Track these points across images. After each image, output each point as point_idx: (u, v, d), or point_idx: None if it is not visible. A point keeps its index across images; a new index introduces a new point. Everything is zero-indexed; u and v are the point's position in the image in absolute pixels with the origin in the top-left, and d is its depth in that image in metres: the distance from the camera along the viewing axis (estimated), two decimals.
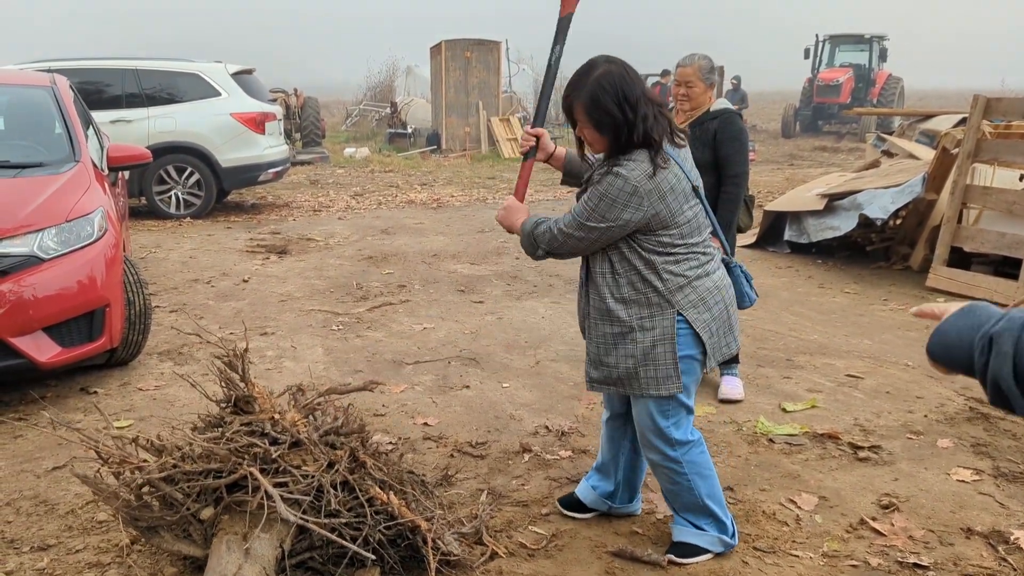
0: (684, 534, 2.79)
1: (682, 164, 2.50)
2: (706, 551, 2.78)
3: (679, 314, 2.51)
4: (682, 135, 2.56)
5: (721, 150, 3.99)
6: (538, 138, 2.76)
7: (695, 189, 2.53)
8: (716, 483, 2.78)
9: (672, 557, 2.76)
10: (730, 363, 4.32)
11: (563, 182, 2.96)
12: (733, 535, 2.82)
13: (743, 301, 2.86)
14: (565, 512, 3.08)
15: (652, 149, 2.40)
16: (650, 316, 2.52)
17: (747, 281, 2.90)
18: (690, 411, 2.68)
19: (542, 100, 2.77)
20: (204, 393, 2.71)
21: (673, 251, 2.50)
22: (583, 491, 3.07)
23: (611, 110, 2.37)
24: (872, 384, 4.50)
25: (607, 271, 2.56)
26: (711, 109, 4.06)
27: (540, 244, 2.59)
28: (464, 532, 2.75)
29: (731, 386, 4.26)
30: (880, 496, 3.25)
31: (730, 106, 4.11)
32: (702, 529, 2.78)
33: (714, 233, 2.75)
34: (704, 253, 2.58)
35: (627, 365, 2.56)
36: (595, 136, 2.47)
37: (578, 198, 2.59)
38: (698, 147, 3.98)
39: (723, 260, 2.78)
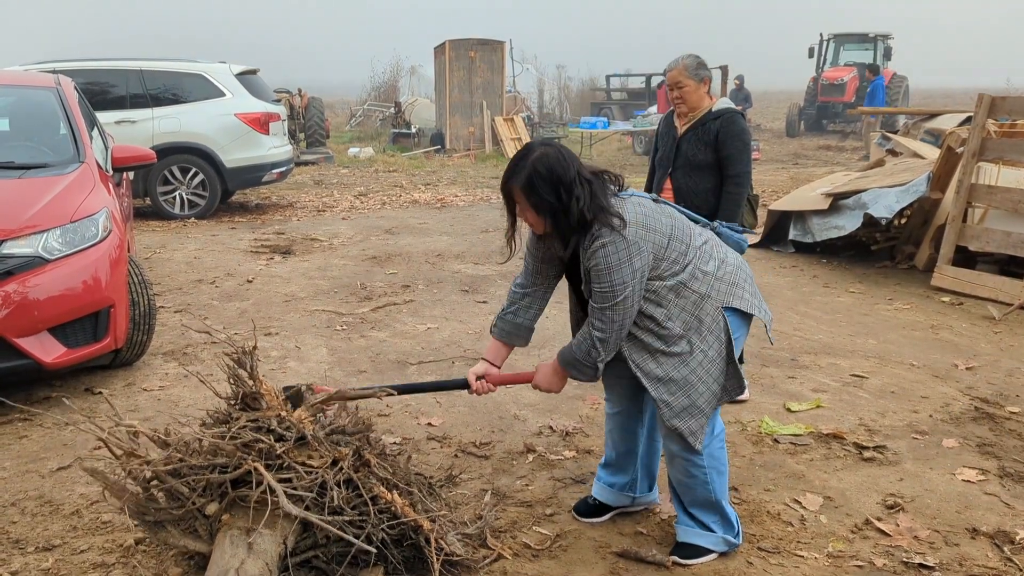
0: (688, 534, 2.78)
1: (633, 192, 2.61)
2: (710, 551, 2.77)
3: (724, 307, 2.57)
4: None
5: (723, 150, 3.96)
6: (484, 378, 2.84)
7: (656, 201, 2.63)
8: (727, 481, 2.78)
9: (676, 559, 2.75)
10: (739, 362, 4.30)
11: (523, 344, 2.93)
12: (738, 534, 2.81)
13: (741, 249, 2.99)
14: (583, 519, 3.03)
15: (600, 220, 2.43)
16: (698, 329, 2.54)
17: (732, 231, 3.04)
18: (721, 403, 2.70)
19: None
20: (212, 389, 2.71)
21: (688, 264, 2.54)
22: (600, 492, 3.04)
23: (546, 194, 2.43)
24: (877, 384, 4.49)
25: (640, 319, 2.56)
26: (713, 109, 4.02)
27: (595, 360, 2.57)
28: (468, 533, 2.75)
29: None
30: (885, 496, 3.24)
31: (732, 106, 4.08)
32: (708, 529, 2.76)
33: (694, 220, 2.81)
34: (711, 246, 2.65)
35: (711, 388, 2.58)
36: (535, 218, 2.52)
37: (569, 279, 2.72)
38: (699, 147, 4.00)
39: (710, 228, 2.88)
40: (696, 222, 2.79)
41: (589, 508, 3.06)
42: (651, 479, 3.06)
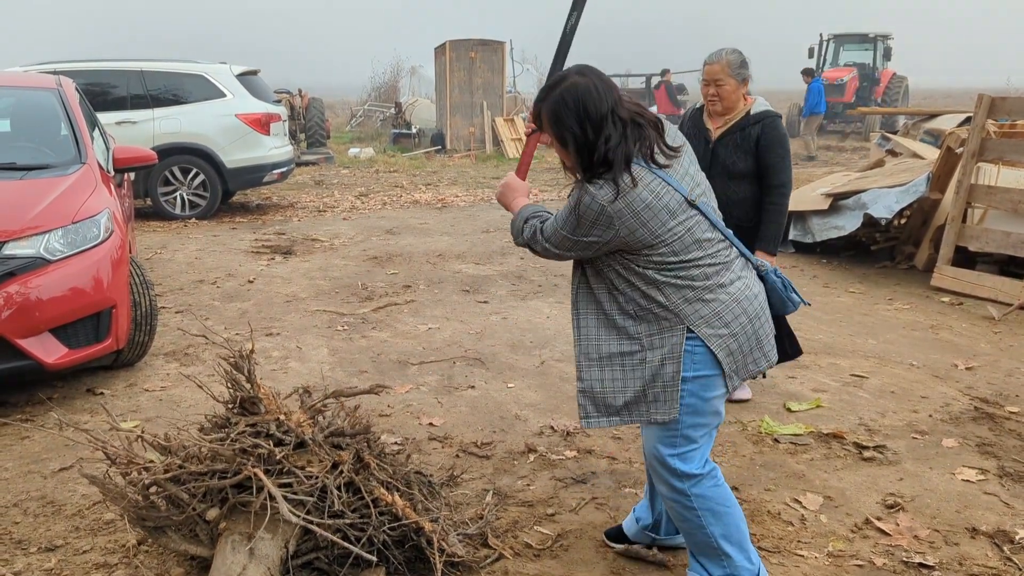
0: None
1: (667, 178, 2.26)
2: None
3: (690, 331, 2.30)
4: (672, 151, 2.31)
5: (765, 158, 3.72)
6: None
7: (689, 202, 2.28)
8: (735, 521, 2.46)
9: None
10: None
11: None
12: None
13: (786, 307, 2.58)
14: (613, 546, 2.87)
15: (615, 171, 2.20)
16: (659, 333, 2.32)
17: (785, 287, 2.58)
18: (694, 441, 2.40)
19: (555, 67, 2.64)
20: (211, 394, 2.72)
21: (671, 267, 2.28)
22: (628, 524, 2.88)
23: (571, 126, 2.23)
24: (877, 384, 4.50)
25: (607, 287, 2.38)
26: (752, 112, 3.75)
27: (524, 236, 2.47)
28: (469, 533, 2.76)
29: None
30: (885, 496, 3.25)
31: (770, 107, 3.81)
32: None
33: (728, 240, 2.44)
34: (712, 264, 2.32)
35: (635, 388, 2.36)
36: (561, 151, 2.33)
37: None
38: (738, 155, 3.74)
39: (756, 269, 2.52)
40: (737, 248, 2.46)
41: (620, 533, 2.90)
42: None
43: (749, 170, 3.75)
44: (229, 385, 2.61)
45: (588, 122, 2.21)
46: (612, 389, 2.40)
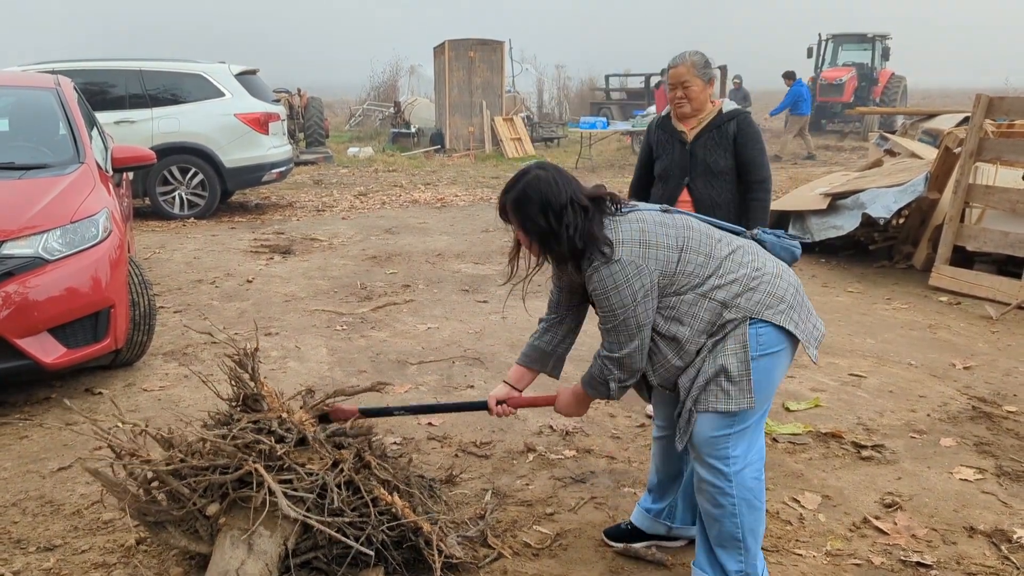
0: None
1: (634, 209, 2.46)
2: None
3: (752, 319, 2.36)
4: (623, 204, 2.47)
5: (744, 153, 3.70)
6: (505, 402, 2.75)
7: (664, 211, 2.49)
8: (762, 518, 2.50)
9: None
10: None
11: (552, 372, 2.81)
12: None
13: (793, 254, 2.66)
14: (613, 545, 2.88)
15: (594, 246, 2.33)
16: (723, 336, 2.37)
17: (778, 238, 2.67)
18: (747, 424, 2.42)
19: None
20: (214, 391, 2.72)
21: (707, 278, 2.38)
22: (637, 516, 2.88)
23: (535, 217, 2.36)
24: (875, 383, 4.51)
25: (663, 329, 2.42)
26: (724, 110, 3.74)
27: (606, 378, 2.45)
28: (468, 534, 2.76)
29: None
30: (883, 495, 3.25)
31: (740, 107, 3.84)
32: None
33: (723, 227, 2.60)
34: (735, 256, 2.43)
35: (700, 383, 2.39)
36: (526, 240, 2.45)
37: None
38: (718, 152, 3.71)
39: (750, 236, 2.63)
40: (730, 231, 2.59)
41: (621, 532, 2.90)
42: (694, 512, 2.75)
43: (729, 166, 3.73)
44: (232, 382, 2.61)
45: (551, 211, 2.35)
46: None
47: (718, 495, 2.43)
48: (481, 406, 2.78)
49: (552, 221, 2.35)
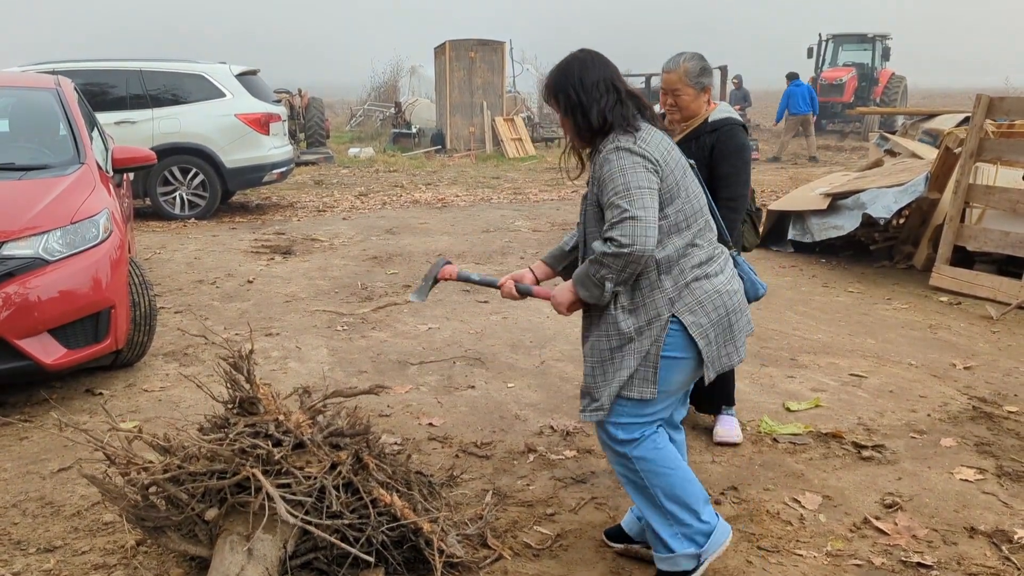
0: (659, 561, 2.62)
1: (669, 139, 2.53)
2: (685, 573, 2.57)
3: (674, 316, 2.42)
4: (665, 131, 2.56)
5: (718, 167, 3.40)
6: (517, 282, 2.76)
7: (691, 166, 2.58)
8: (681, 482, 2.55)
9: None
10: (726, 404, 3.82)
11: (564, 272, 2.83)
12: (707, 543, 2.57)
13: (756, 290, 2.76)
14: (613, 546, 2.87)
15: (621, 126, 2.42)
16: (648, 323, 2.43)
17: (752, 270, 2.81)
18: (642, 416, 2.50)
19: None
20: (210, 394, 2.72)
21: (679, 235, 2.42)
22: (628, 522, 2.88)
23: (568, 91, 2.47)
24: (876, 383, 4.51)
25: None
26: (709, 119, 3.47)
27: (601, 277, 2.37)
28: (469, 534, 2.76)
29: (727, 428, 3.75)
30: (884, 495, 3.25)
31: (733, 114, 3.53)
32: (670, 551, 2.56)
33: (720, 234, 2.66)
34: (704, 251, 2.48)
35: (622, 377, 2.45)
36: (563, 119, 2.55)
37: (582, 206, 2.56)
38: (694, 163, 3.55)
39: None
40: (720, 231, 2.65)
41: (622, 533, 2.89)
42: None
43: (705, 183, 3.40)
44: (228, 385, 2.61)
45: (581, 86, 2.45)
46: (604, 383, 2.51)
47: (625, 472, 2.58)
48: (493, 283, 2.88)
49: (582, 95, 2.45)
